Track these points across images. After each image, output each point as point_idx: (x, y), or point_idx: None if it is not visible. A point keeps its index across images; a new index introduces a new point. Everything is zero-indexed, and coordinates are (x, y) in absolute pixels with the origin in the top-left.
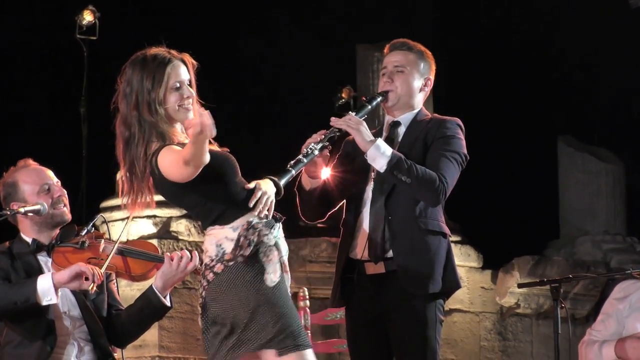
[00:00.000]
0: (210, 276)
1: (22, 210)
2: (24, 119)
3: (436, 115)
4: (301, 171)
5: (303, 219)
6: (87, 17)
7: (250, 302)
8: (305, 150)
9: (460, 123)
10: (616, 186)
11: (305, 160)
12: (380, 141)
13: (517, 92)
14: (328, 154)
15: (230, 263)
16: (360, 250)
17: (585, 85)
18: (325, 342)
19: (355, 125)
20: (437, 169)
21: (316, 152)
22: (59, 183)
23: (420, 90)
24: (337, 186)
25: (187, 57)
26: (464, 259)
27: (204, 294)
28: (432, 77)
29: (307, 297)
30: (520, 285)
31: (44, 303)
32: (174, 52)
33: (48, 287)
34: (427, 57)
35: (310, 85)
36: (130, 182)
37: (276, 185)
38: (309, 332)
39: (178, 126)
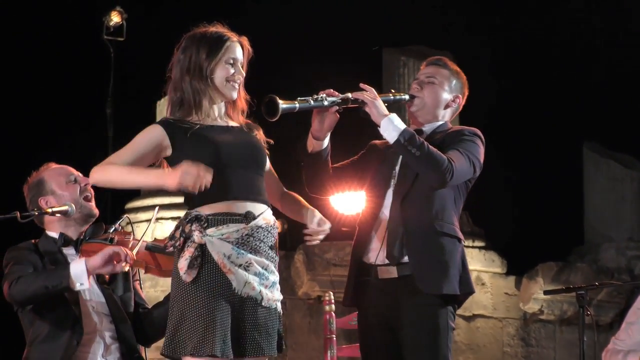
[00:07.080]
0: None
1: (49, 210)
2: (50, 120)
3: (458, 126)
4: (303, 112)
5: (307, 189)
6: (115, 18)
7: None
8: (315, 96)
9: (479, 133)
10: None
11: (312, 103)
12: (394, 115)
13: (542, 98)
14: (338, 115)
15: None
16: (375, 254)
17: (611, 91)
18: (350, 347)
19: (371, 98)
20: (447, 155)
21: (325, 103)
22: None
23: (447, 105)
24: (354, 168)
25: (245, 41)
26: (488, 265)
27: None
28: (462, 98)
29: (332, 301)
30: (546, 292)
31: (77, 288)
32: (234, 33)
33: (81, 272)
34: (460, 77)
35: (335, 86)
36: None
37: (275, 104)
38: (333, 336)
39: (215, 108)
